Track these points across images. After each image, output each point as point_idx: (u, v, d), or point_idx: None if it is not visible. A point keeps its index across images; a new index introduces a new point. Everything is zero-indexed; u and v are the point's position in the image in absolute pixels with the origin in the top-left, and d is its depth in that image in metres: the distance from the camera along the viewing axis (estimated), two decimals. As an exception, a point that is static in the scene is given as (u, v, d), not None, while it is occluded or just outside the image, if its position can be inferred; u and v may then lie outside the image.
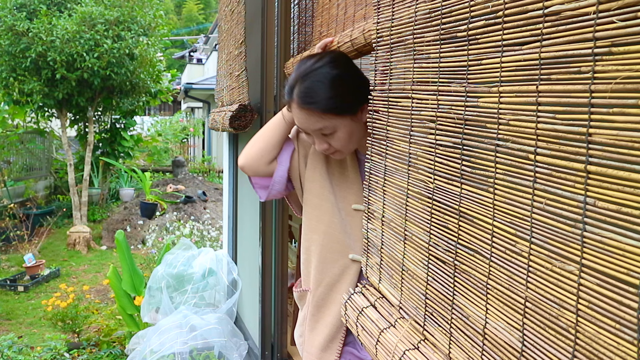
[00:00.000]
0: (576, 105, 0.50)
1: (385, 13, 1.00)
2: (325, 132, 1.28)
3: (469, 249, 0.70)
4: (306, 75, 1.27)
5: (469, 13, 0.69)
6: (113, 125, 9.58)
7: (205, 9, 35.25)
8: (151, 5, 8.00)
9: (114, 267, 3.78)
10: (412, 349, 0.83)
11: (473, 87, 0.68)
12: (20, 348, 3.77)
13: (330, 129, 1.27)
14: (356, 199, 1.38)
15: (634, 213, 0.44)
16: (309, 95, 1.25)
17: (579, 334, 0.51)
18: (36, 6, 7.30)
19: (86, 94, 7.66)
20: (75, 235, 7.46)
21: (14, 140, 8.78)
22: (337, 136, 1.28)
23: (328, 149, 1.31)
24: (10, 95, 7.54)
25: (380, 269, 1.03)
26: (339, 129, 1.27)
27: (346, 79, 1.28)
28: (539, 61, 0.55)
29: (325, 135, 1.29)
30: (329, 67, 1.26)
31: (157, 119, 13.60)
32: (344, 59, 1.32)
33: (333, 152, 1.33)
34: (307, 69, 1.28)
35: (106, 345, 3.85)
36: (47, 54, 6.94)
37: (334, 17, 1.59)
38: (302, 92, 1.26)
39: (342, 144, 1.30)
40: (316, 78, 1.25)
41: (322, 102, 1.24)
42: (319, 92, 1.25)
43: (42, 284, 5.95)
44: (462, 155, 0.71)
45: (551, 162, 0.54)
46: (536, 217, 0.56)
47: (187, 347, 2.93)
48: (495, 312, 0.64)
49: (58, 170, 10.12)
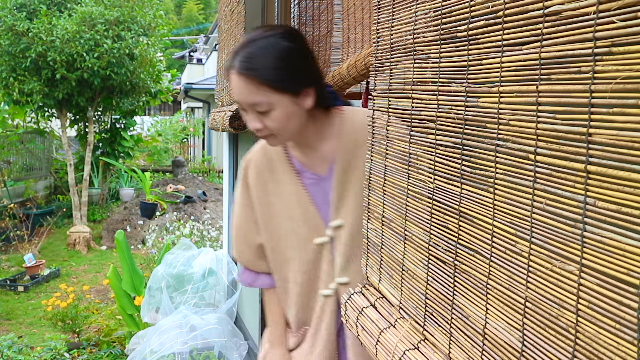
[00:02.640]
0: (576, 105, 0.50)
1: (385, 13, 1.00)
2: (261, 109, 1.15)
3: (469, 249, 0.70)
4: (253, 42, 1.15)
5: (469, 13, 0.69)
6: (113, 125, 9.58)
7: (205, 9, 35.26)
8: (151, 5, 8.01)
9: (114, 267, 3.78)
10: (412, 349, 0.83)
11: (473, 87, 0.68)
12: (20, 348, 3.77)
13: (267, 106, 1.14)
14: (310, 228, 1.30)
15: (634, 213, 0.44)
16: (250, 62, 1.13)
17: (579, 334, 0.51)
18: (36, 6, 7.30)
19: (86, 94, 7.66)
20: (75, 235, 7.46)
21: (14, 140, 8.78)
22: (273, 115, 1.15)
23: (261, 130, 1.18)
24: (10, 95, 7.54)
25: (380, 269, 1.03)
26: (277, 108, 1.14)
27: (294, 54, 1.16)
28: (539, 61, 0.55)
29: (260, 114, 1.16)
30: (279, 38, 1.16)
31: (157, 119, 13.61)
32: (298, 35, 1.22)
33: (267, 135, 1.20)
34: (255, 36, 1.17)
35: (106, 345, 3.85)
36: (47, 54, 6.94)
37: (360, 21, 1.59)
38: (244, 57, 1.13)
39: (277, 126, 1.16)
40: (262, 45, 1.14)
41: (262, 71, 1.12)
42: (262, 60, 1.13)
43: (42, 284, 5.95)
44: (462, 155, 0.71)
45: (551, 162, 0.54)
46: (536, 217, 0.56)
47: (187, 347, 2.93)
48: (495, 312, 0.64)
49: (58, 170, 10.12)
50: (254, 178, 1.35)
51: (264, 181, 1.34)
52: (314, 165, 1.31)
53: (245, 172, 1.37)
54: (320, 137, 1.28)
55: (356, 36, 1.61)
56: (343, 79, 1.60)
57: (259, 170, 1.35)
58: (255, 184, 1.35)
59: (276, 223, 1.34)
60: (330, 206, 1.29)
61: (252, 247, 1.40)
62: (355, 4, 1.61)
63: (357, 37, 1.59)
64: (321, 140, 1.28)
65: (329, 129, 1.28)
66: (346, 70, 1.54)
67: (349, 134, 1.27)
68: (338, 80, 1.65)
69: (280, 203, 1.33)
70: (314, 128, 1.27)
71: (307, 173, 1.31)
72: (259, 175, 1.35)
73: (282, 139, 1.23)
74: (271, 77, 1.13)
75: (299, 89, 1.17)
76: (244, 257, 1.43)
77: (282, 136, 1.21)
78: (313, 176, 1.31)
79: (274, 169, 1.33)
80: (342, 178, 1.27)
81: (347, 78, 1.55)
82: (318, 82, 1.22)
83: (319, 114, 1.27)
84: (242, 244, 1.41)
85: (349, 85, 1.66)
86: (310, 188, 1.30)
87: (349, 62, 1.52)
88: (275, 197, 1.33)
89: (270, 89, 1.13)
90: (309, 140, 1.28)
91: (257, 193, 1.35)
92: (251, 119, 1.18)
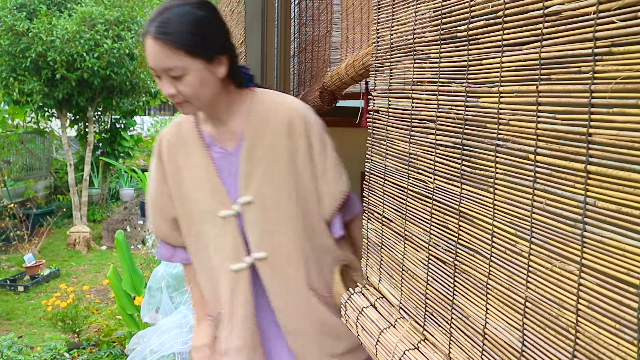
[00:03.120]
0: (576, 105, 0.50)
1: (385, 13, 1.00)
2: (175, 74, 1.19)
3: (469, 249, 0.70)
4: (168, 9, 1.21)
5: (469, 13, 0.69)
6: (113, 125, 9.57)
7: (205, 9, 35.17)
8: (151, 6, 8.00)
9: (114, 267, 3.77)
10: (412, 349, 0.83)
11: (473, 87, 0.68)
12: (20, 348, 3.77)
13: (180, 71, 1.18)
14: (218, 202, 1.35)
15: (634, 213, 0.44)
16: (166, 27, 1.18)
17: (579, 334, 0.51)
18: (36, 6, 7.30)
19: (86, 94, 7.65)
20: (75, 235, 7.45)
21: (14, 140, 8.77)
22: (186, 80, 1.20)
23: (175, 96, 1.22)
24: (10, 95, 7.53)
25: (380, 269, 1.03)
26: (190, 73, 1.19)
27: (209, 23, 1.23)
28: (539, 61, 0.55)
29: (175, 79, 1.20)
30: (194, 7, 1.22)
31: (157, 119, 13.59)
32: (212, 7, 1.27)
33: (180, 102, 1.24)
34: (171, 4, 1.22)
35: (106, 345, 3.85)
36: (47, 54, 6.93)
37: (359, 21, 1.59)
38: (160, 22, 1.19)
39: (190, 91, 1.21)
40: (178, 12, 1.20)
41: (177, 35, 1.17)
42: (177, 26, 1.18)
43: (42, 284, 5.94)
44: (462, 155, 0.71)
45: (551, 162, 0.54)
46: (536, 217, 0.56)
47: (187, 347, 2.93)
48: (495, 312, 0.64)
49: (58, 170, 10.11)
50: (167, 153, 1.40)
51: (175, 155, 1.39)
52: (222, 140, 1.36)
53: (159, 148, 1.42)
54: (230, 112, 1.34)
55: (355, 36, 1.60)
56: (341, 79, 1.59)
57: (171, 144, 1.40)
58: (168, 158, 1.40)
59: (188, 196, 1.38)
60: (238, 182, 1.33)
61: (168, 221, 1.44)
62: (355, 4, 1.60)
63: (356, 37, 1.59)
64: (231, 116, 1.34)
65: (240, 105, 1.34)
66: (344, 70, 1.53)
67: (258, 112, 1.33)
68: (336, 80, 1.65)
69: (190, 176, 1.37)
70: (226, 101, 1.32)
71: (216, 147, 1.36)
72: (171, 150, 1.40)
73: (196, 107, 1.27)
74: (185, 41, 1.18)
75: (212, 55, 1.22)
76: (161, 230, 1.47)
77: (196, 103, 1.25)
78: (221, 150, 1.36)
79: (186, 143, 1.38)
80: (249, 155, 1.32)
81: (345, 78, 1.55)
82: (231, 54, 1.29)
83: (232, 89, 1.33)
84: (158, 218, 1.46)
85: (347, 85, 1.65)
86: (218, 162, 1.35)
87: (347, 62, 1.52)
88: (186, 171, 1.38)
89: (184, 53, 1.18)
90: (220, 113, 1.33)
91: (170, 167, 1.40)
92: (166, 84, 1.22)
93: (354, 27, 1.61)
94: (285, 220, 1.32)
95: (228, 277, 1.36)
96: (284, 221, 1.32)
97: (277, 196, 1.31)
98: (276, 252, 1.33)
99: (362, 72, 1.39)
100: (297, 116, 1.32)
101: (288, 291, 1.35)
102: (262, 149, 1.32)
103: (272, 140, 1.31)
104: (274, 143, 1.31)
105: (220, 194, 1.34)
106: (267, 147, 1.31)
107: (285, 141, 1.31)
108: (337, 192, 1.34)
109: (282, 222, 1.32)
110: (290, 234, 1.32)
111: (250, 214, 1.33)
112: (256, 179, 1.32)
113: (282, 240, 1.32)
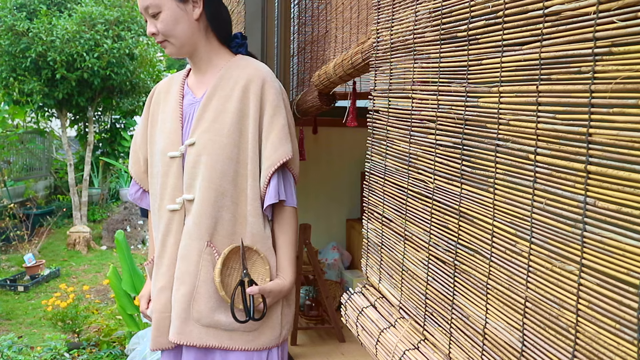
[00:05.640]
0: (576, 105, 0.50)
1: (385, 13, 1.00)
2: (151, 12, 1.35)
3: (469, 249, 0.70)
4: None
5: (469, 13, 0.69)
6: (113, 125, 9.58)
7: (205, 9, 35.14)
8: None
9: (114, 267, 3.77)
10: (412, 349, 0.83)
11: (473, 87, 0.68)
12: (20, 348, 3.77)
13: (155, 8, 1.34)
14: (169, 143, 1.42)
15: (634, 213, 0.44)
16: None
17: (579, 334, 0.51)
18: (36, 6, 7.30)
19: (86, 94, 7.65)
20: (75, 235, 7.45)
21: (14, 140, 8.77)
22: (161, 17, 1.35)
23: (156, 36, 1.37)
24: (10, 95, 7.53)
25: (380, 269, 1.03)
26: (164, 10, 1.34)
27: None
28: (539, 61, 0.55)
29: (153, 17, 1.36)
30: None
31: (157, 119, 13.57)
32: None
33: (161, 40, 1.38)
34: None
35: (106, 345, 3.85)
36: (47, 54, 6.93)
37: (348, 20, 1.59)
38: None
39: (165, 27, 1.36)
40: None
41: None
42: None
43: (42, 284, 5.94)
44: (462, 155, 0.71)
45: (551, 162, 0.54)
46: (536, 217, 0.56)
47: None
48: (495, 312, 0.64)
49: (58, 170, 10.11)
50: (154, 100, 1.54)
51: (158, 102, 1.52)
52: (196, 89, 1.47)
53: (150, 96, 1.56)
54: (211, 64, 1.45)
55: (344, 36, 1.60)
56: (329, 78, 1.58)
57: (159, 92, 1.54)
58: (153, 105, 1.53)
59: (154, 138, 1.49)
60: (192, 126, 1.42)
61: (140, 160, 1.55)
62: (344, 4, 1.60)
63: (345, 37, 1.59)
64: (210, 67, 1.46)
65: (220, 60, 1.46)
66: (332, 69, 1.53)
67: (229, 69, 1.43)
68: (324, 79, 1.64)
69: (162, 119, 1.47)
70: (207, 50, 1.44)
71: (189, 95, 1.47)
72: (157, 97, 1.53)
73: (175, 47, 1.40)
74: None
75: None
76: (134, 169, 1.56)
77: (174, 42, 1.39)
78: (192, 98, 1.46)
79: (169, 91, 1.50)
80: (206, 102, 1.41)
81: (333, 77, 1.54)
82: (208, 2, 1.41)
83: (215, 43, 1.45)
84: (134, 157, 1.56)
85: (335, 85, 1.64)
86: (186, 108, 1.45)
87: (335, 61, 1.51)
88: (160, 115, 1.49)
89: None
90: (201, 62, 1.45)
91: (152, 112, 1.53)
92: (148, 25, 1.38)
93: (342, 26, 1.61)
94: (217, 169, 1.36)
95: (166, 217, 1.40)
96: (216, 170, 1.36)
97: (216, 144, 1.36)
98: (201, 197, 1.36)
99: (350, 72, 1.38)
100: (257, 77, 1.39)
101: (191, 237, 1.36)
102: (218, 99, 1.40)
103: (229, 92, 1.39)
104: (229, 95, 1.39)
105: (175, 136, 1.42)
106: (223, 98, 1.39)
107: (239, 96, 1.38)
108: (275, 157, 1.37)
109: (214, 170, 1.36)
110: (217, 184, 1.36)
111: (190, 156, 1.39)
112: (203, 124, 1.39)
113: (209, 186, 1.36)
